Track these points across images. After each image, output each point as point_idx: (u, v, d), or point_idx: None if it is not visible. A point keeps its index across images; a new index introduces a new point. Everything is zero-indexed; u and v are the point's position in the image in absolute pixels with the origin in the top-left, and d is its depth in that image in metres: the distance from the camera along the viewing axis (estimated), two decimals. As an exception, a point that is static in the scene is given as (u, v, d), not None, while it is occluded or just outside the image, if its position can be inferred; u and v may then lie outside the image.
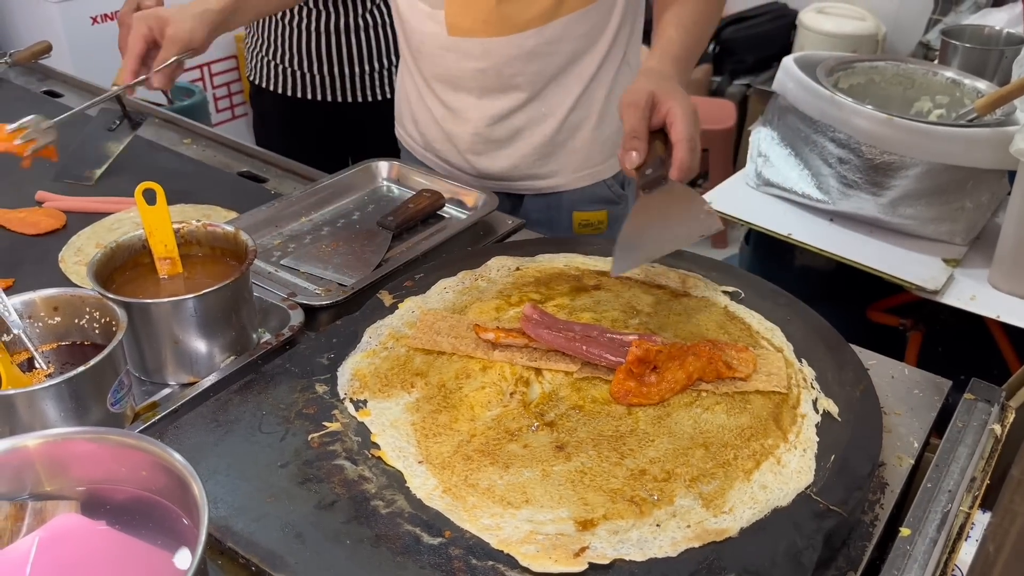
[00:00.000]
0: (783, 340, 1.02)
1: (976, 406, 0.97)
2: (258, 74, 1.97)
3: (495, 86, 1.33)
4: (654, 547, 0.75)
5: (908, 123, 1.70)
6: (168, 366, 0.98)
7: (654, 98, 1.02)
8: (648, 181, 1.00)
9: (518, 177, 1.43)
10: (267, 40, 1.90)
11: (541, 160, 1.41)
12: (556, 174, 1.43)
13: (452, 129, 1.41)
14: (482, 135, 1.39)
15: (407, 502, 0.80)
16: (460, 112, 1.38)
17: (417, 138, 1.51)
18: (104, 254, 0.99)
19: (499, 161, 1.41)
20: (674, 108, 1.00)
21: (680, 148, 0.99)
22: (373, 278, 1.14)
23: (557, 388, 0.93)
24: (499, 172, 1.43)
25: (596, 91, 1.38)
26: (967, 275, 1.73)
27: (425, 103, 1.43)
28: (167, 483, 0.68)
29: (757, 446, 0.86)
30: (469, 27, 1.28)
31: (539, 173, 1.43)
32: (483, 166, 1.42)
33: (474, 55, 1.31)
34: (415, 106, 1.47)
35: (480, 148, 1.40)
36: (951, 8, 2.59)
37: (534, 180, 1.44)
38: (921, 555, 0.78)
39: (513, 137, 1.39)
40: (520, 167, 1.41)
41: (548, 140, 1.39)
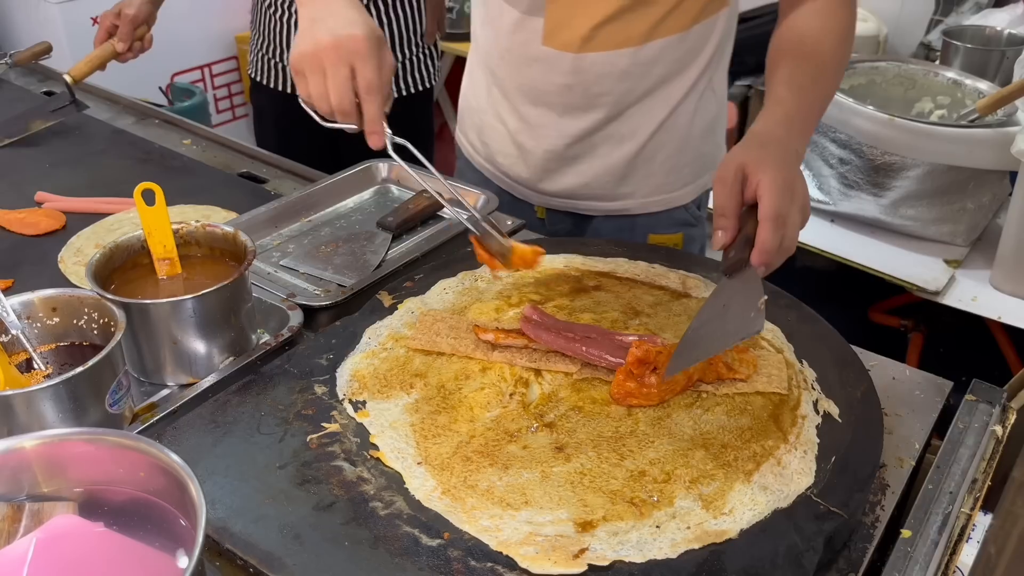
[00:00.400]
0: (783, 341, 1.01)
1: (977, 407, 0.96)
2: (258, 71, 1.98)
3: (579, 103, 1.27)
4: (654, 549, 0.75)
5: (909, 124, 1.70)
6: (167, 367, 0.98)
7: (744, 171, 0.93)
8: (730, 265, 0.91)
9: (586, 196, 1.36)
10: (267, 38, 1.92)
11: (614, 181, 1.34)
12: (629, 196, 1.36)
13: (526, 143, 1.34)
14: (557, 152, 1.32)
15: (406, 503, 0.80)
16: (538, 127, 1.31)
17: (479, 148, 1.44)
18: (103, 255, 0.99)
19: (569, 179, 1.34)
20: (763, 181, 0.91)
21: (764, 228, 0.90)
22: (372, 279, 1.14)
23: (557, 389, 0.93)
24: (567, 190, 1.36)
25: (680, 116, 1.31)
26: (968, 276, 1.73)
27: (498, 113, 1.36)
28: (165, 484, 0.68)
29: (757, 447, 0.85)
30: (566, 41, 1.22)
31: (611, 194, 1.36)
32: (551, 183, 1.36)
33: (563, 69, 1.24)
34: (484, 116, 1.40)
35: (552, 165, 1.34)
36: (952, 9, 2.59)
37: (604, 201, 1.37)
38: (922, 557, 0.78)
39: (588, 156, 1.32)
40: (591, 186, 1.35)
41: (625, 162, 1.32)
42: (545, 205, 1.40)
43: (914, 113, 1.95)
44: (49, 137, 1.33)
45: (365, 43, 0.95)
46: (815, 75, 1.09)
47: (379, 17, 1.85)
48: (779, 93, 1.07)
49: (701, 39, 1.26)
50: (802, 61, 1.10)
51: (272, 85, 1.95)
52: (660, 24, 1.21)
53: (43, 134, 1.57)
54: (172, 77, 3.17)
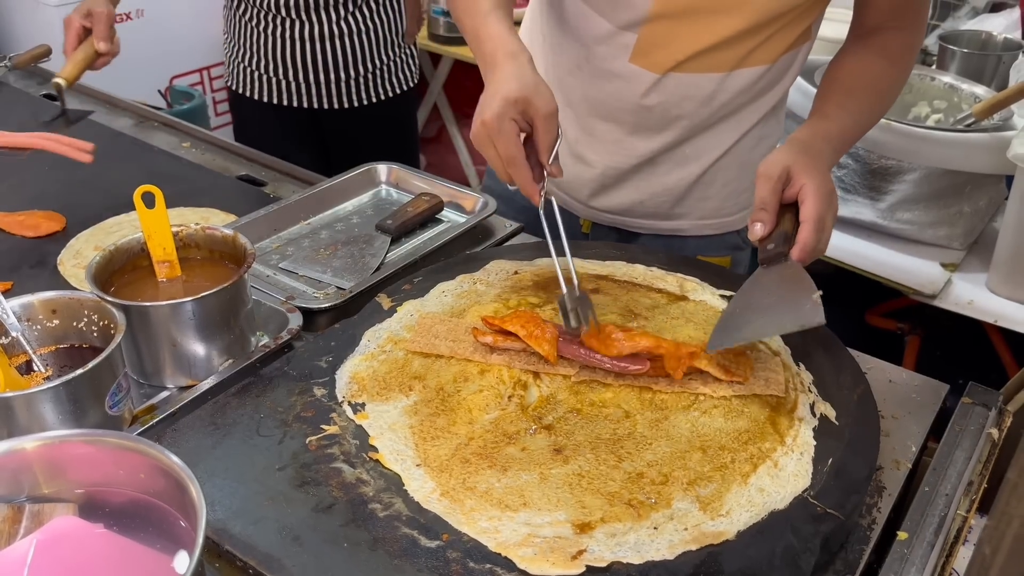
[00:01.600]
0: (780, 344, 1.02)
1: (973, 410, 0.97)
2: (237, 81, 1.95)
3: (654, 124, 1.22)
4: (651, 550, 0.75)
5: (906, 128, 1.70)
6: (166, 369, 0.98)
7: (790, 172, 0.97)
8: (768, 256, 0.97)
9: (639, 215, 1.32)
10: (245, 47, 1.89)
11: (670, 202, 1.30)
12: (683, 217, 1.33)
13: (586, 155, 1.28)
14: (619, 169, 1.27)
15: (405, 505, 0.80)
16: (604, 142, 1.26)
17: None
18: (103, 257, 0.99)
19: (624, 196, 1.30)
20: (808, 185, 0.96)
21: (806, 228, 0.95)
22: (371, 282, 1.14)
23: (555, 391, 0.93)
24: (619, 207, 1.32)
25: (746, 142, 1.28)
26: (965, 279, 1.73)
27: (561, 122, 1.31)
28: (165, 486, 0.68)
29: (754, 449, 0.86)
30: (658, 61, 1.16)
31: (664, 214, 1.32)
32: (604, 199, 1.32)
33: (644, 89, 1.19)
34: None
35: (610, 182, 1.29)
36: (949, 13, 2.59)
37: (656, 220, 1.33)
38: (918, 559, 0.78)
39: (648, 174, 1.28)
40: (645, 205, 1.31)
41: (685, 185, 1.28)
42: (592, 219, 1.36)
43: (911, 117, 1.95)
44: (49, 140, 1.34)
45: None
46: (863, 108, 1.14)
47: (365, 22, 1.85)
48: (829, 110, 1.11)
49: (782, 70, 1.23)
50: (859, 92, 1.14)
51: (253, 95, 1.92)
52: (751, 54, 1.17)
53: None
54: (171, 80, 3.17)
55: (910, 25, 1.16)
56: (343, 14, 1.83)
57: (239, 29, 1.88)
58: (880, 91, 1.16)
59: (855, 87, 1.14)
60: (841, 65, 1.18)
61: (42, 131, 1.43)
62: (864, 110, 1.13)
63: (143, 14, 3.02)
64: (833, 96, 1.13)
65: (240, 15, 1.87)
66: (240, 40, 1.89)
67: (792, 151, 1.01)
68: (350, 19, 1.83)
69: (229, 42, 1.94)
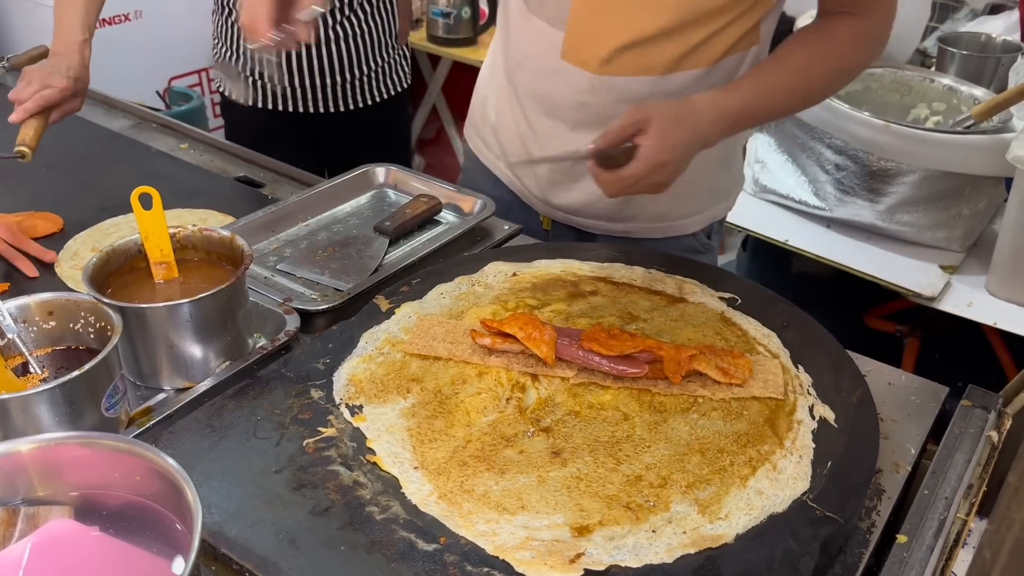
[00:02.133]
0: (779, 346, 1.02)
1: (973, 412, 0.97)
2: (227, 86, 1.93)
3: (593, 121, 1.22)
4: (650, 553, 0.75)
5: (905, 130, 1.70)
6: (163, 371, 0.98)
7: (647, 125, 1.03)
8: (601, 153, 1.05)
9: (590, 215, 1.33)
10: (236, 53, 1.86)
11: (619, 203, 1.30)
12: (632, 220, 1.33)
13: (534, 151, 1.30)
14: (563, 166, 1.28)
15: (402, 508, 0.80)
16: (547, 138, 1.28)
17: (494, 146, 1.40)
18: (100, 258, 0.99)
19: (574, 195, 1.31)
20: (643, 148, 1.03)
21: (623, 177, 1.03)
22: (369, 283, 1.14)
23: (553, 394, 0.93)
24: (571, 206, 1.33)
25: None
26: (964, 282, 1.73)
27: (513, 116, 1.33)
28: (161, 488, 0.68)
29: (753, 452, 0.86)
30: (586, 59, 1.18)
31: (615, 216, 1.32)
32: (556, 196, 1.33)
33: (580, 87, 1.20)
34: (502, 116, 1.36)
35: (557, 178, 1.30)
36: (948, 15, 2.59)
37: (607, 221, 1.33)
38: (918, 562, 0.78)
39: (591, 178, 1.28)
40: (596, 206, 1.30)
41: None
42: (550, 216, 1.38)
43: (910, 119, 1.95)
44: (46, 140, 1.33)
45: None
46: (788, 91, 1.14)
47: (360, 25, 1.83)
48: (742, 83, 1.12)
49: (727, 75, 1.21)
50: (783, 71, 1.13)
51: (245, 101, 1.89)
52: (687, 57, 1.16)
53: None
54: (169, 81, 3.17)
55: (865, 11, 1.14)
56: (339, 18, 1.82)
57: (229, 35, 1.86)
58: (811, 75, 1.14)
59: (782, 65, 1.14)
60: (786, 41, 1.17)
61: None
62: (782, 90, 1.13)
63: (141, 15, 3.02)
64: (757, 70, 1.14)
65: (225, 16, 1.85)
66: (230, 45, 1.87)
67: (668, 112, 1.05)
68: (345, 23, 1.82)
69: (219, 47, 1.91)
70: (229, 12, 1.84)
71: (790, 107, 1.19)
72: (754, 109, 1.12)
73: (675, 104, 1.07)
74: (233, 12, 1.83)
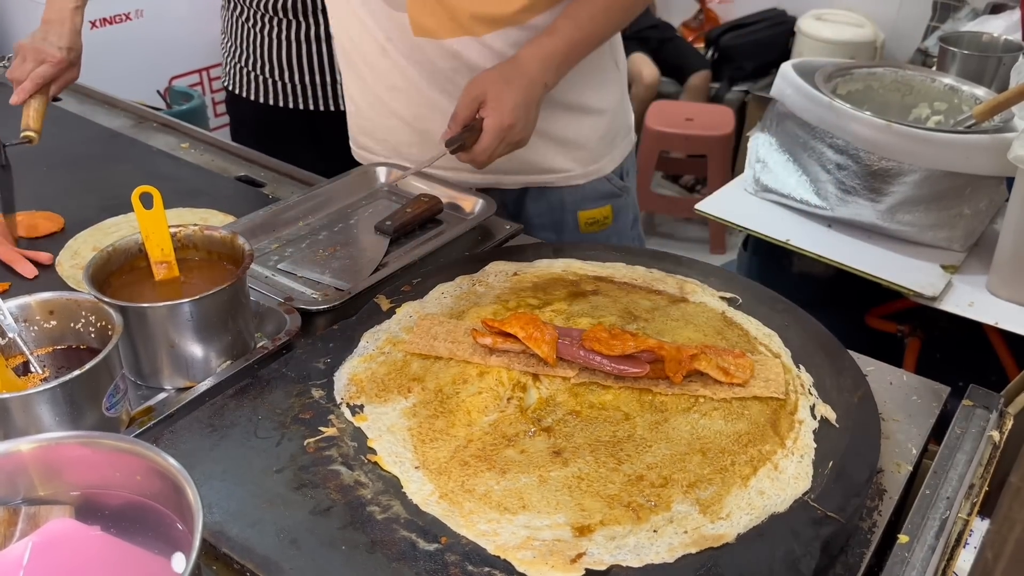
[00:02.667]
0: (780, 346, 1.02)
1: (974, 412, 0.97)
2: (233, 81, 1.95)
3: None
4: (651, 553, 0.75)
5: (906, 129, 1.70)
6: (164, 370, 0.98)
7: (486, 98, 1.15)
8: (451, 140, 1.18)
9: (508, 171, 1.39)
10: (241, 48, 1.89)
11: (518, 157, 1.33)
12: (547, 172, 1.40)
13: (432, 129, 1.34)
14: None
15: (403, 508, 0.80)
16: (439, 111, 1.31)
17: (378, 149, 1.46)
18: (100, 257, 0.99)
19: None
20: (487, 120, 1.15)
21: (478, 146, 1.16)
22: (370, 283, 1.14)
23: (554, 393, 0.93)
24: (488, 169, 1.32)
25: (581, 93, 1.34)
26: (965, 281, 1.73)
27: (390, 108, 1.38)
28: (162, 488, 0.68)
29: (755, 452, 0.85)
30: (435, 27, 1.25)
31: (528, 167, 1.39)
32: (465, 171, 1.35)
33: (443, 56, 1.27)
34: (377, 114, 1.41)
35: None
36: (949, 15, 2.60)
37: (527, 174, 1.40)
38: (919, 562, 0.78)
39: None
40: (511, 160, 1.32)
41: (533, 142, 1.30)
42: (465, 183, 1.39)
43: (911, 119, 1.95)
44: (46, 139, 1.33)
45: None
46: (596, 17, 1.21)
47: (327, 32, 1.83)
48: (558, 24, 1.20)
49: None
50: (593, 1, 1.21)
51: (250, 96, 1.92)
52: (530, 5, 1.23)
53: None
54: (170, 80, 3.17)
55: None
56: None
57: (236, 30, 1.89)
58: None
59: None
60: None
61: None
62: (599, 15, 1.21)
63: (142, 14, 3.02)
64: (569, 8, 1.21)
65: (236, 16, 1.87)
66: (237, 41, 1.89)
67: (502, 73, 1.16)
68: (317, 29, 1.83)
69: (227, 43, 1.94)
70: (235, 8, 1.85)
71: (611, 27, 1.26)
72: (579, 42, 1.20)
73: (503, 67, 1.16)
74: (239, 7, 1.84)
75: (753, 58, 4.00)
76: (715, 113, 3.73)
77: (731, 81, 4.01)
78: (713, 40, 4.12)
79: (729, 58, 4.03)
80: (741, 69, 4.02)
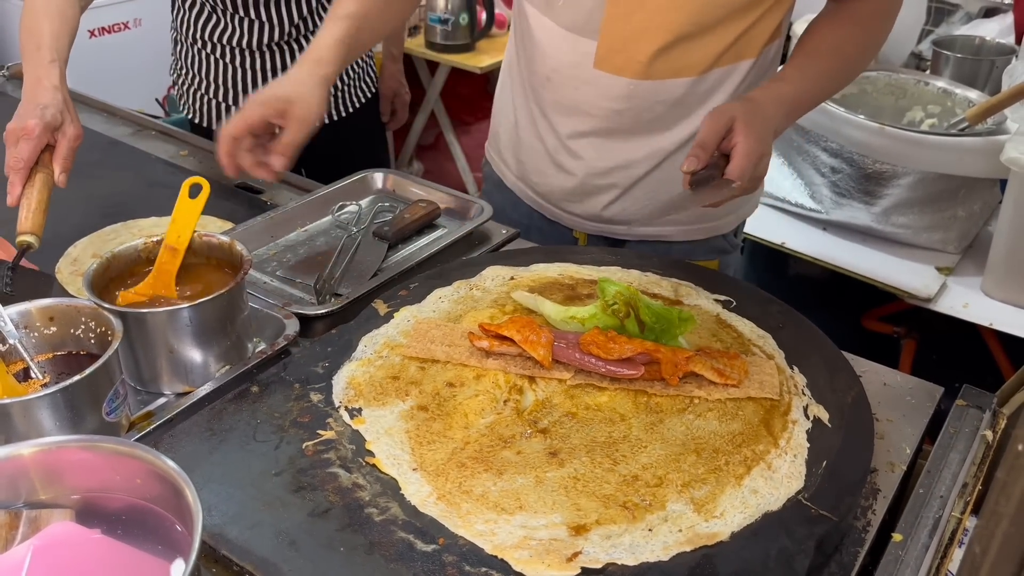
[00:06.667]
0: (774, 347, 1.02)
1: (968, 412, 0.97)
2: (201, 114, 1.82)
3: (627, 128, 1.22)
4: (646, 551, 0.75)
5: (900, 132, 1.71)
6: (163, 375, 0.98)
7: (733, 124, 1.03)
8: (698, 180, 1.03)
9: (622, 221, 1.32)
10: (207, 80, 1.78)
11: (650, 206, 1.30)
12: (669, 224, 1.33)
13: (566, 163, 1.29)
14: (597, 174, 1.27)
15: (401, 509, 0.80)
16: (581, 149, 1.26)
17: (513, 166, 1.40)
18: (100, 264, 0.99)
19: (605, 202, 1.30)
20: (741, 144, 1.02)
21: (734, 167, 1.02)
22: (368, 287, 1.15)
23: (550, 395, 0.93)
24: (602, 214, 1.32)
25: None
26: (960, 283, 1.74)
27: (537, 132, 1.31)
28: (161, 491, 0.69)
29: (748, 452, 0.86)
30: (621, 65, 1.17)
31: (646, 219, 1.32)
32: (586, 206, 1.32)
33: (617, 95, 1.19)
34: (522, 132, 1.34)
35: (590, 188, 1.29)
36: (943, 19, 2.61)
37: (641, 226, 1.33)
38: (913, 561, 0.79)
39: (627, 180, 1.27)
40: (628, 211, 1.30)
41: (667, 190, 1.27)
42: (579, 228, 1.36)
43: (905, 122, 1.96)
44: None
45: None
46: (829, 73, 1.18)
47: None
48: (787, 73, 1.15)
49: (765, 67, 1.22)
50: (822, 56, 1.17)
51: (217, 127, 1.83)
52: (724, 54, 1.17)
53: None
54: (169, 89, 3.18)
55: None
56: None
57: (195, 59, 1.78)
58: (846, 55, 1.19)
59: (817, 51, 1.18)
60: (810, 30, 1.20)
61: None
62: (824, 74, 1.17)
63: (140, 23, 3.03)
64: (796, 59, 1.18)
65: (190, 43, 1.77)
66: (201, 72, 1.78)
67: (744, 106, 1.06)
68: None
69: (183, 71, 1.82)
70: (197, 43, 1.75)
71: (832, 88, 1.23)
72: (803, 95, 1.15)
73: (742, 101, 1.08)
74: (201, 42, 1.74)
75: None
76: (711, 118, 3.73)
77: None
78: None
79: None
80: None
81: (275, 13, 1.68)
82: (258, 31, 1.69)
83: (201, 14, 1.71)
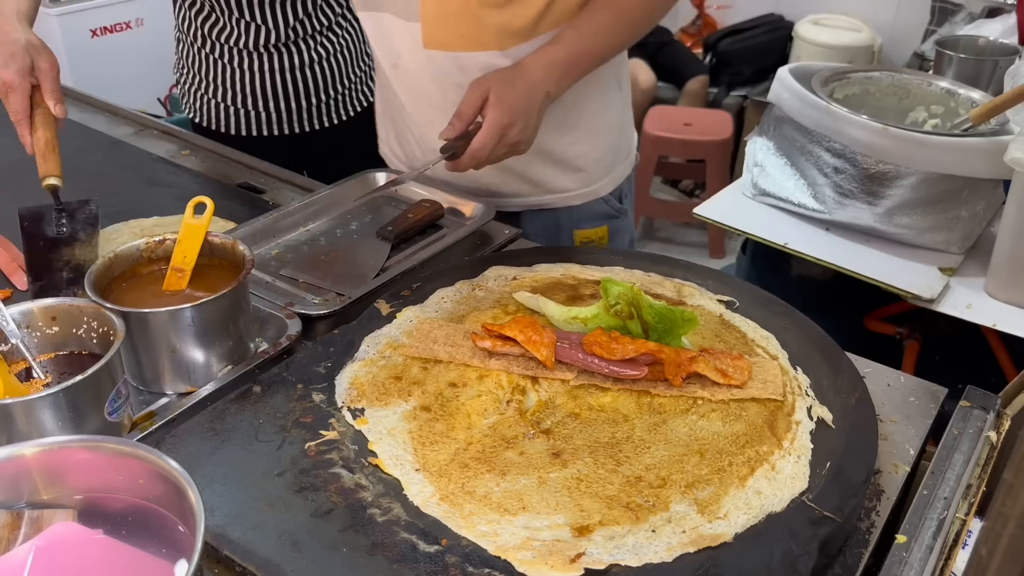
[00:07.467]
0: (778, 348, 1.02)
1: (972, 413, 0.97)
2: (202, 114, 1.82)
3: None
4: (649, 552, 0.75)
5: (903, 133, 1.71)
6: (166, 375, 0.98)
7: (488, 96, 1.13)
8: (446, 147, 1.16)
9: (507, 194, 1.40)
10: (208, 80, 1.78)
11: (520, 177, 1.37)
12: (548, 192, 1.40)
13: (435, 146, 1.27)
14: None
15: (404, 510, 0.80)
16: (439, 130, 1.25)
17: (401, 155, 1.47)
18: (102, 264, 0.99)
19: (485, 177, 1.36)
20: (488, 116, 1.13)
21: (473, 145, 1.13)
22: (371, 287, 1.14)
23: (553, 396, 0.93)
24: (484, 188, 1.39)
25: (583, 113, 1.34)
26: (963, 284, 1.73)
27: (405, 120, 1.40)
28: (164, 491, 0.69)
29: (752, 453, 0.86)
30: (446, 40, 1.24)
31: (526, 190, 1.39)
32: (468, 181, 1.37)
33: (450, 70, 1.26)
34: (396, 123, 1.43)
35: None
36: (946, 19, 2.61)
37: (525, 197, 1.40)
38: (917, 562, 0.78)
39: None
40: (508, 182, 1.38)
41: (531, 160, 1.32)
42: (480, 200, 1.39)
43: (908, 122, 1.96)
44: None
45: None
46: (610, 27, 1.21)
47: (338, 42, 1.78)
48: (564, 35, 1.20)
49: None
50: (601, 10, 1.21)
51: (220, 129, 1.81)
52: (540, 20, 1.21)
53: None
54: (170, 88, 3.18)
55: None
56: (319, 40, 1.78)
57: (196, 59, 1.78)
58: (623, 7, 1.21)
59: (595, 5, 1.21)
60: None
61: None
62: (604, 29, 1.21)
63: (143, 23, 3.03)
64: (575, 18, 1.21)
65: (191, 42, 1.77)
66: (202, 72, 1.79)
67: (499, 77, 1.16)
68: (326, 43, 1.80)
69: (185, 72, 1.83)
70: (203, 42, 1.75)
71: (618, 41, 1.26)
72: (583, 53, 1.20)
73: (507, 70, 1.16)
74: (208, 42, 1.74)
75: (751, 63, 4.01)
76: (713, 118, 3.74)
77: (729, 86, 4.03)
78: (711, 45, 4.14)
79: (727, 63, 4.05)
80: (739, 74, 4.03)
81: (270, 16, 1.68)
82: (255, 33, 1.70)
83: (201, 12, 1.72)
